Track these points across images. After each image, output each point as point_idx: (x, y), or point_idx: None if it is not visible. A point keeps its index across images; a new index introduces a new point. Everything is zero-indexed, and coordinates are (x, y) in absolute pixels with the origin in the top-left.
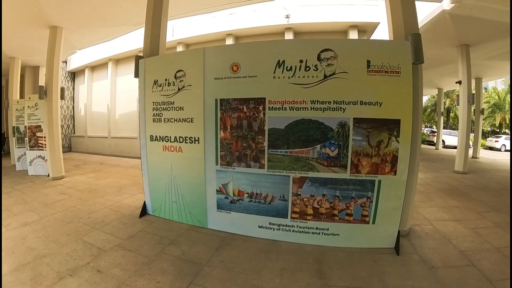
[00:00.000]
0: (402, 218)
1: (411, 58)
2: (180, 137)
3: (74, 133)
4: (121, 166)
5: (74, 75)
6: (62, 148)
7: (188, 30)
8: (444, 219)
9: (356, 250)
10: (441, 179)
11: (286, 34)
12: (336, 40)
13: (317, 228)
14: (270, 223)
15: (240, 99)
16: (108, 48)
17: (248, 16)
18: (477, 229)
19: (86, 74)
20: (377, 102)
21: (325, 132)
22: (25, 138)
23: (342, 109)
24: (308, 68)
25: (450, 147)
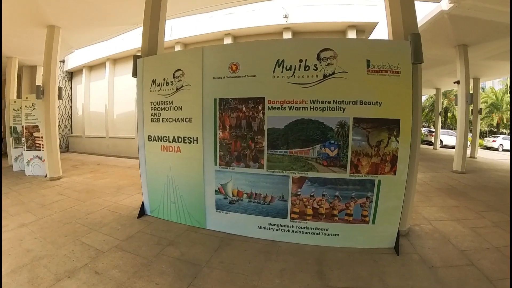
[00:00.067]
0: (402, 218)
1: (410, 58)
2: (178, 137)
3: (72, 133)
4: (119, 167)
5: (71, 75)
6: (59, 148)
7: (186, 29)
8: (443, 218)
9: (356, 250)
10: (439, 179)
11: (284, 34)
12: (336, 39)
13: (316, 228)
14: (269, 223)
15: (239, 99)
16: (106, 48)
17: (246, 15)
18: (476, 229)
19: (84, 74)
20: (377, 102)
21: (324, 132)
22: (22, 138)
23: (341, 109)
24: (307, 68)
25: (448, 147)
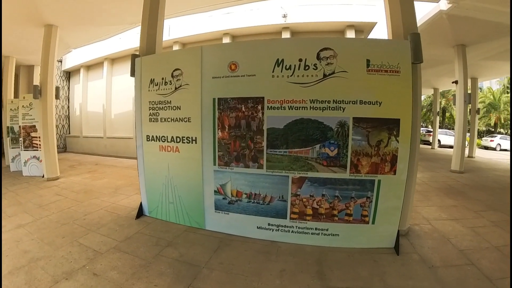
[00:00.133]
0: (401, 217)
1: (410, 57)
2: (177, 137)
3: (69, 133)
4: (117, 167)
5: (69, 74)
6: (57, 149)
7: (185, 29)
8: (443, 218)
9: (356, 250)
10: (438, 179)
11: (283, 33)
12: (336, 39)
13: (316, 228)
14: (269, 223)
15: (239, 98)
16: (104, 47)
17: (245, 15)
18: (475, 228)
19: (82, 74)
20: (377, 102)
21: (324, 132)
22: (20, 139)
23: (341, 109)
24: (307, 67)
25: (445, 147)
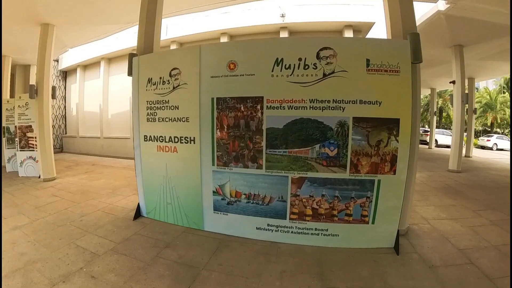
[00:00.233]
0: (401, 217)
1: (410, 57)
2: (175, 137)
3: (66, 133)
4: (114, 167)
5: (65, 74)
6: (53, 149)
7: (182, 28)
8: (441, 217)
9: (356, 251)
10: (436, 178)
11: (281, 33)
12: (335, 38)
13: (316, 229)
14: (268, 224)
15: (237, 98)
16: (101, 47)
17: (242, 14)
18: (474, 227)
19: (78, 73)
20: (377, 101)
21: (324, 132)
22: (16, 139)
23: (341, 108)
24: (307, 67)
25: (442, 146)
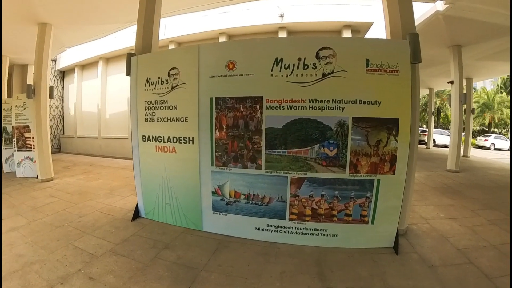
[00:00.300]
0: (400, 217)
1: (409, 57)
2: (173, 137)
3: (64, 133)
4: (112, 167)
5: (63, 74)
6: (51, 149)
7: (180, 28)
8: (440, 217)
9: (356, 251)
10: (434, 178)
11: (280, 33)
12: (335, 38)
13: (315, 229)
14: (267, 224)
15: (237, 98)
16: (99, 47)
17: (241, 14)
18: (473, 227)
19: (76, 73)
20: (376, 101)
21: (323, 132)
22: (13, 139)
23: (341, 108)
24: (306, 67)
25: (440, 146)
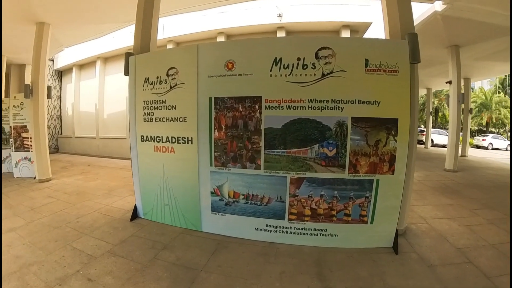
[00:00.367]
0: (399, 217)
1: (408, 57)
2: (172, 137)
3: (61, 133)
4: (110, 168)
5: (61, 73)
6: (48, 149)
7: (179, 28)
8: (439, 217)
9: (355, 251)
10: (432, 178)
11: (278, 33)
12: (334, 38)
13: (315, 229)
14: (267, 225)
15: (236, 98)
16: (97, 46)
17: (240, 14)
18: (471, 226)
19: (74, 73)
20: (375, 101)
21: (323, 132)
22: (10, 139)
23: (340, 108)
24: (305, 66)
25: (438, 146)
